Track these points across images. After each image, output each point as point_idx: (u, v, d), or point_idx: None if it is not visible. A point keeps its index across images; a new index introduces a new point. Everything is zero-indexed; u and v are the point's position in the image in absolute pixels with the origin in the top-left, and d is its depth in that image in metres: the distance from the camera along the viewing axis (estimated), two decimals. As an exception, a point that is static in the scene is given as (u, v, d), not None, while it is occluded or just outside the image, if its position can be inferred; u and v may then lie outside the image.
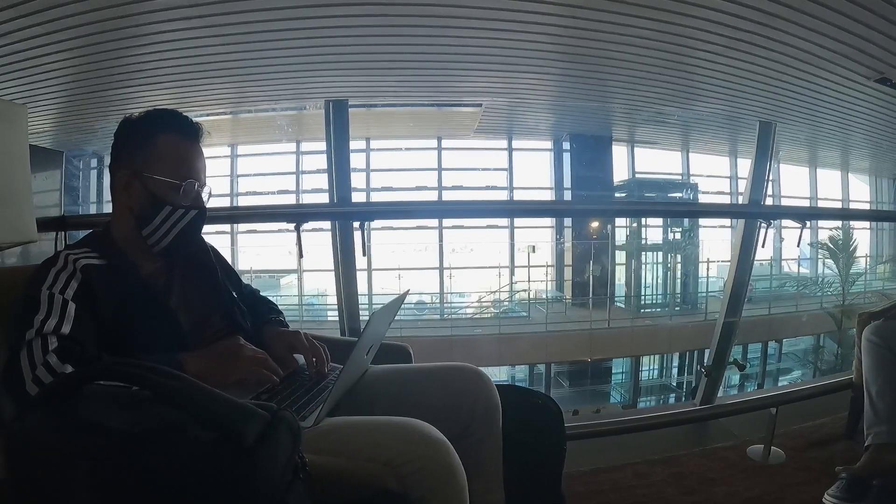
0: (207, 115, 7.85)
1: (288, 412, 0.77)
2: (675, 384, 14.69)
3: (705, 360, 3.20)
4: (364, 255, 2.40)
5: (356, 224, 2.36)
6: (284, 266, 14.08)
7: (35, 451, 0.71)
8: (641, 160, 14.51)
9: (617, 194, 14.34)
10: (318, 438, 1.09)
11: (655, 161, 14.77)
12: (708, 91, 6.37)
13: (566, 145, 13.57)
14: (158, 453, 0.66)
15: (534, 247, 14.28)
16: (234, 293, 1.51)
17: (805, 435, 2.76)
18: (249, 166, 14.26)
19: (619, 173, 14.04)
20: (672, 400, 14.77)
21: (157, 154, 1.31)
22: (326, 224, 2.62)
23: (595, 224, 13.67)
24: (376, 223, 2.34)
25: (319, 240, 2.80)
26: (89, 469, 0.66)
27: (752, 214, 3.01)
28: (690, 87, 6.33)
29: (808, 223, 2.94)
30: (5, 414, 1.06)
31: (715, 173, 14.95)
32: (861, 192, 16.23)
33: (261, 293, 1.70)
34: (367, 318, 2.53)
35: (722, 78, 5.66)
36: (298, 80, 6.09)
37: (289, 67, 5.68)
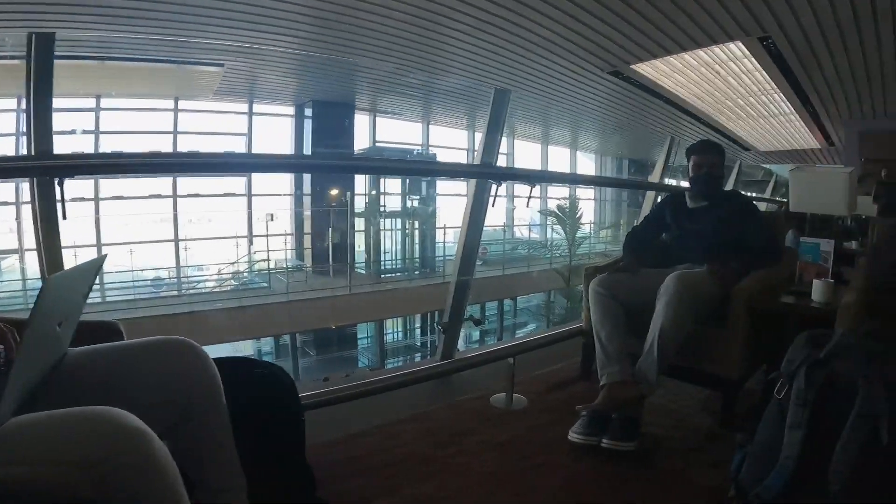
0: None
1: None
2: (419, 344, 15.51)
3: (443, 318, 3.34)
4: (65, 218, 2.00)
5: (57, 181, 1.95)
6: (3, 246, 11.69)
7: None
8: (383, 130, 14.92)
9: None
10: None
11: (397, 131, 15.32)
12: (449, 61, 6.64)
13: (308, 111, 13.33)
14: None
15: (272, 215, 13.91)
16: None
17: (544, 380, 3.01)
18: None
19: (361, 142, 14.19)
20: (419, 358, 15.56)
21: None
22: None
23: (334, 192, 13.67)
24: (105, 192, 1.97)
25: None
26: None
27: (484, 175, 3.20)
28: (434, 58, 6.54)
29: (535, 185, 3.22)
30: None
31: (454, 145, 15.92)
32: (588, 168, 19.16)
33: None
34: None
35: (463, 48, 5.90)
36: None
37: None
